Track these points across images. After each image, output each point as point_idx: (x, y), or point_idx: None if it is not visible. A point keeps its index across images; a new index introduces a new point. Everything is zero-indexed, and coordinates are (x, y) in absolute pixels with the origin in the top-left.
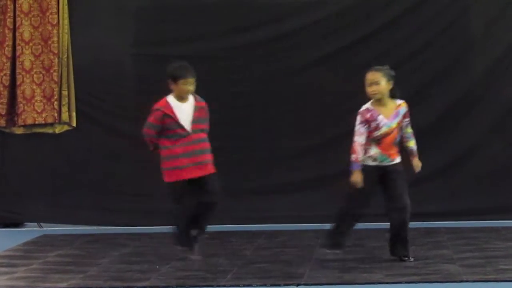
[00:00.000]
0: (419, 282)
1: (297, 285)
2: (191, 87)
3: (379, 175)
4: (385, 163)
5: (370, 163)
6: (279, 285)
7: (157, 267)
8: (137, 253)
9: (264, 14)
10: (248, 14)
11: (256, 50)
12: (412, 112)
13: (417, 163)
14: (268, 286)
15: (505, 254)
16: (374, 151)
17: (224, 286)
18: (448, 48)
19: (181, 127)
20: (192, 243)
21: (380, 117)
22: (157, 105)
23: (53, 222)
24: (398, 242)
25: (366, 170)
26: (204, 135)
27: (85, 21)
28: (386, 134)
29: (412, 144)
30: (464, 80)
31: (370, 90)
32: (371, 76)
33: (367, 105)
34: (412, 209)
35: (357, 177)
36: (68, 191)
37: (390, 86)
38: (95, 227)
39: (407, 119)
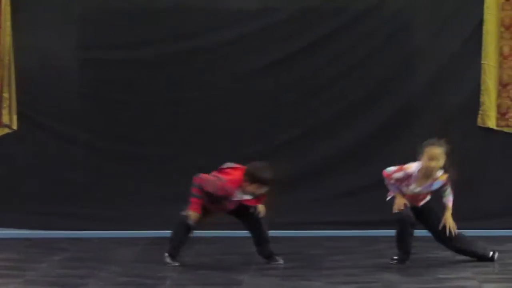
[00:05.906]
0: None
1: None
2: None
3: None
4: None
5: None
6: None
7: (96, 272)
8: (77, 258)
9: (211, 20)
10: (195, 20)
11: (203, 56)
12: (355, 122)
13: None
14: None
15: (444, 263)
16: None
17: None
18: (392, 58)
19: None
20: None
21: (412, 186)
22: None
23: None
24: None
25: None
26: None
27: (28, 23)
28: (411, 195)
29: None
30: (407, 90)
31: (429, 164)
32: (434, 150)
33: (413, 168)
34: (353, 218)
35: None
36: (8, 195)
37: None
38: (34, 231)
39: (445, 187)
